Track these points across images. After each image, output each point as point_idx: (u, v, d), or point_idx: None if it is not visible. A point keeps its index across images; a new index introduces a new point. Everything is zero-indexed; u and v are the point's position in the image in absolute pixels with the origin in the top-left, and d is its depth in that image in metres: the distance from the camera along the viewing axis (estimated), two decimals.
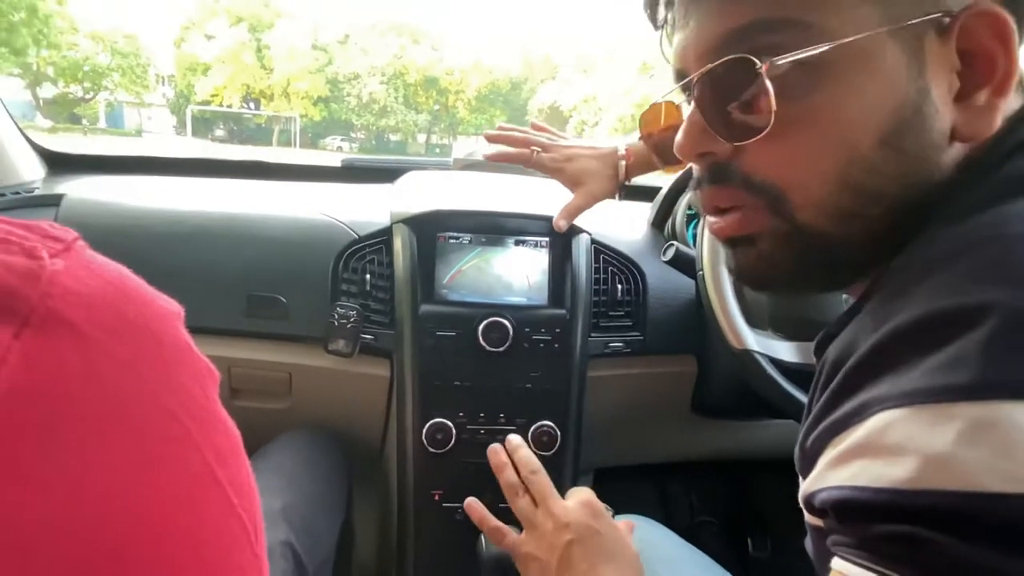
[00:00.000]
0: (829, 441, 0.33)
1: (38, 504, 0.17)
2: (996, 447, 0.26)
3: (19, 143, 1.09)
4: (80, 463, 0.18)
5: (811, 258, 0.42)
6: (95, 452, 0.18)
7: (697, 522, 1.37)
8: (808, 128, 0.38)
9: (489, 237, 1.00)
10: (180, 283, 0.82)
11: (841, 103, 0.38)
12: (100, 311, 0.20)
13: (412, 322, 0.96)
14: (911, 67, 0.37)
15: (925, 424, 0.28)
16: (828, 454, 0.32)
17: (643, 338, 1.04)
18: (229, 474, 0.22)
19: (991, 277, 0.29)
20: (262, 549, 0.24)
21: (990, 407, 0.26)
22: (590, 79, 30.85)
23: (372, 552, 1.09)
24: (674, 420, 1.12)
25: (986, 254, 0.31)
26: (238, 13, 28.92)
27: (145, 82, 26.99)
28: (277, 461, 0.91)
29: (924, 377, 0.29)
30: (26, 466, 0.17)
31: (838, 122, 0.38)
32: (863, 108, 0.37)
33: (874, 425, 0.30)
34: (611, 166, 0.95)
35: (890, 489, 0.28)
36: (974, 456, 0.26)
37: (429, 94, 32.19)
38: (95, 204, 1.03)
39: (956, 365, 0.28)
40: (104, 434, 0.19)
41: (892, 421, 0.29)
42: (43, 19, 16.47)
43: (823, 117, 0.38)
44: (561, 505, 0.63)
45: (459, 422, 0.95)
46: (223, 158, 1.35)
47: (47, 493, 0.17)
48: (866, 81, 0.37)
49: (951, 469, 0.26)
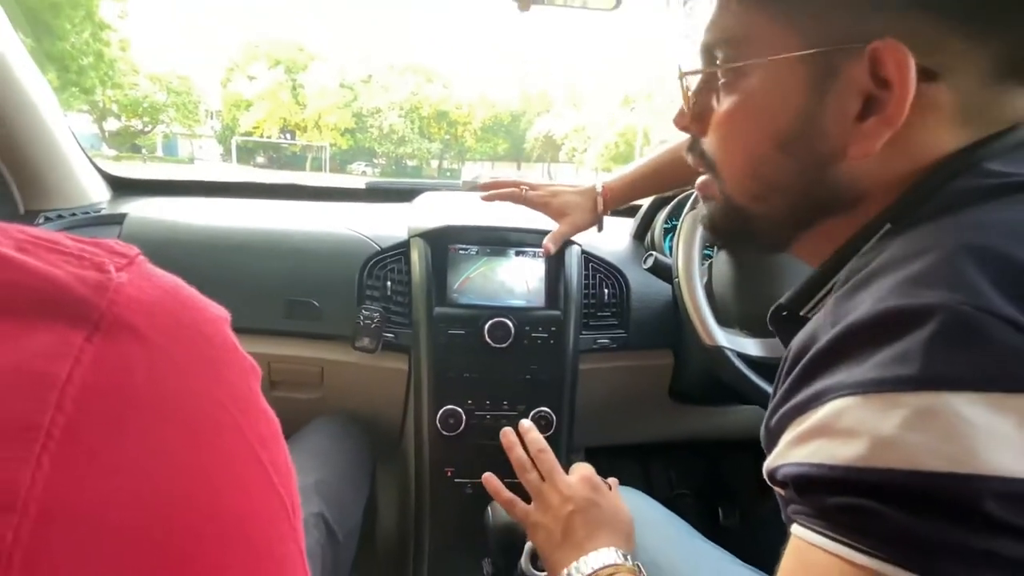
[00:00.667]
0: (791, 422, 0.33)
1: (107, 483, 0.17)
2: (937, 432, 0.26)
3: (88, 169, 1.10)
4: (143, 448, 0.18)
5: (735, 225, 0.45)
6: (156, 438, 0.18)
7: (675, 494, 1.36)
8: (728, 124, 0.42)
9: (493, 248, 1.00)
10: (227, 290, 0.82)
11: (748, 109, 0.40)
12: (159, 317, 0.20)
13: (427, 322, 0.96)
14: (812, 88, 0.37)
15: (875, 410, 0.27)
16: (789, 434, 0.32)
17: (627, 335, 1.04)
18: (270, 456, 0.22)
19: (934, 282, 0.29)
20: (299, 521, 0.24)
21: (932, 397, 0.26)
22: (580, 112, 30.93)
23: (393, 522, 1.08)
24: (654, 406, 1.12)
25: (930, 261, 0.30)
26: (276, 57, 29.04)
27: (196, 116, 27.07)
28: (311, 443, 0.91)
29: (874, 369, 0.28)
30: (98, 451, 0.17)
31: (745, 124, 0.41)
32: (763, 116, 0.40)
33: (830, 410, 0.30)
34: (591, 200, 0.95)
35: (843, 466, 0.28)
36: (917, 440, 0.26)
37: (441, 125, 32.24)
38: (154, 222, 1.04)
39: (903, 359, 0.28)
40: (163, 423, 0.19)
41: (846, 407, 0.29)
42: (108, 63, 16.55)
43: (736, 118, 0.41)
44: (565, 480, 0.63)
45: (468, 409, 0.95)
46: (264, 182, 1.35)
47: (115, 474, 0.17)
48: (768, 94, 0.39)
49: (897, 450, 0.26)
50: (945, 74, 0.35)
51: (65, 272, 0.18)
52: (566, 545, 0.58)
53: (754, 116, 0.40)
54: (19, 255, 0.18)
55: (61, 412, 0.16)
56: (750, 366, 0.82)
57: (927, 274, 0.30)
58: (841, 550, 0.28)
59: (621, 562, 0.54)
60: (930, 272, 0.30)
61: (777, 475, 0.33)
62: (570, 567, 0.55)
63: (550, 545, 0.60)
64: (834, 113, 0.37)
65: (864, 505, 0.27)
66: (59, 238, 0.20)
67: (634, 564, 0.55)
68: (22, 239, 0.19)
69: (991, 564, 0.25)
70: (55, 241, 0.20)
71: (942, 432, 0.26)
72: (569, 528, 0.59)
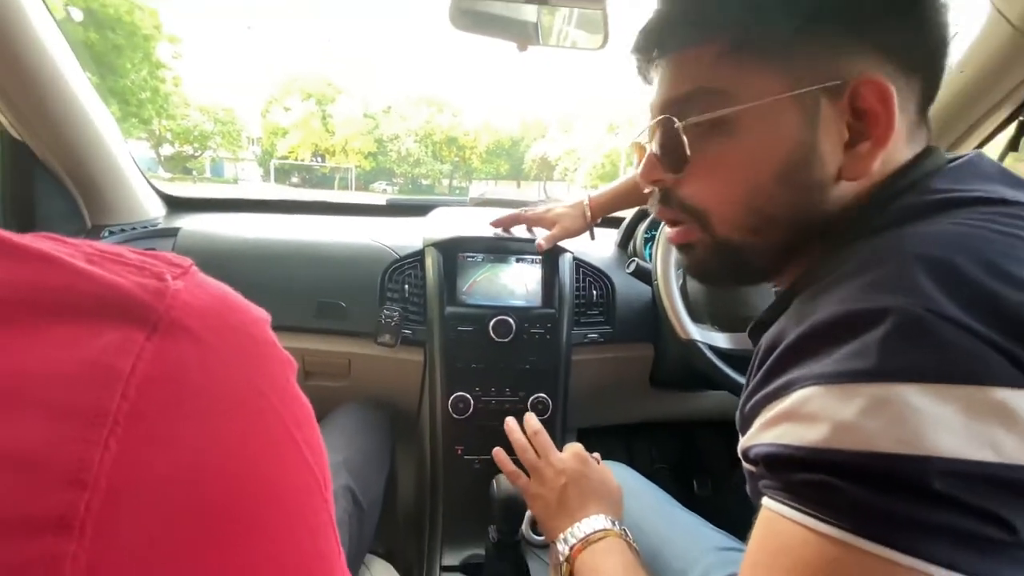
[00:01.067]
0: (762, 408, 0.32)
1: (166, 461, 0.17)
2: (889, 418, 0.26)
3: (146, 189, 1.10)
4: (195, 430, 0.18)
5: (729, 262, 0.43)
6: (206, 422, 0.18)
7: (655, 468, 1.36)
8: (722, 167, 0.40)
9: (497, 256, 1.00)
10: (266, 293, 0.83)
11: (745, 149, 0.38)
12: (209, 319, 0.20)
13: (440, 320, 0.96)
14: (804, 122, 0.37)
15: (836, 399, 0.27)
16: (761, 418, 0.32)
17: (613, 331, 1.04)
18: (304, 437, 0.22)
19: (888, 288, 0.29)
20: (330, 493, 0.24)
21: (886, 388, 0.26)
22: (570, 137, 30.90)
23: (411, 493, 1.08)
24: (637, 392, 1.12)
25: (885, 269, 0.30)
26: (308, 91, 29.08)
27: (239, 143, 27.08)
28: (339, 425, 0.91)
29: (836, 363, 0.28)
30: (158, 434, 0.17)
31: (743, 163, 0.39)
32: (762, 153, 0.38)
33: (797, 398, 0.29)
34: (579, 210, 0.98)
35: (808, 447, 0.28)
36: (872, 425, 0.26)
37: (451, 149, 32.24)
38: (203, 235, 1.04)
39: (860, 355, 0.27)
40: (212, 409, 0.19)
41: (811, 395, 0.29)
42: (163, 97, 16.60)
43: (732, 159, 0.39)
44: (558, 456, 0.63)
45: (476, 395, 0.95)
46: (298, 199, 1.35)
47: (171, 452, 0.17)
48: (765, 134, 0.38)
49: (855, 434, 0.26)
50: (901, 103, 0.36)
51: (129, 281, 0.18)
52: (561, 513, 0.58)
53: (750, 154, 0.38)
54: (89, 267, 0.18)
55: (126, 400, 0.16)
56: (719, 357, 0.82)
57: (882, 280, 0.30)
58: (806, 520, 0.28)
59: (610, 527, 0.54)
60: (885, 278, 0.30)
61: (750, 454, 0.33)
62: (565, 532, 0.55)
63: (547, 513, 0.60)
64: (829, 142, 0.37)
65: (826, 481, 0.27)
66: (122, 251, 0.20)
67: (621, 528, 0.55)
68: (91, 253, 0.19)
69: (939, 533, 0.25)
70: (119, 254, 0.20)
71: (894, 418, 0.26)
72: (563, 498, 0.59)
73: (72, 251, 0.19)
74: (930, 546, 0.24)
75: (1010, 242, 0.29)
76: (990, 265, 0.28)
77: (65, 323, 0.17)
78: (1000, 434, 0.24)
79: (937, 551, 0.24)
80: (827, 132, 0.37)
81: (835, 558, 0.26)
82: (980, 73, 0.77)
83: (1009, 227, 0.30)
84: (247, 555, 0.19)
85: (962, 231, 0.31)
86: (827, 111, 0.37)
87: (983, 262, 0.28)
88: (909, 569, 0.25)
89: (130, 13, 12.37)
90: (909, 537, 0.25)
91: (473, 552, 0.87)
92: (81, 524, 0.15)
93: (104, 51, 12.20)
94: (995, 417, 0.25)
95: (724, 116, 0.38)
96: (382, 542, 0.90)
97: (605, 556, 0.51)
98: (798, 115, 0.37)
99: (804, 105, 0.37)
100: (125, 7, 12.16)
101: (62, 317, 0.17)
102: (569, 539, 0.54)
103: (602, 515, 0.55)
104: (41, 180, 0.94)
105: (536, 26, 0.83)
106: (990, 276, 0.27)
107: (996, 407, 0.25)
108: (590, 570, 0.50)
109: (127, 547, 0.16)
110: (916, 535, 0.25)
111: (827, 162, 0.37)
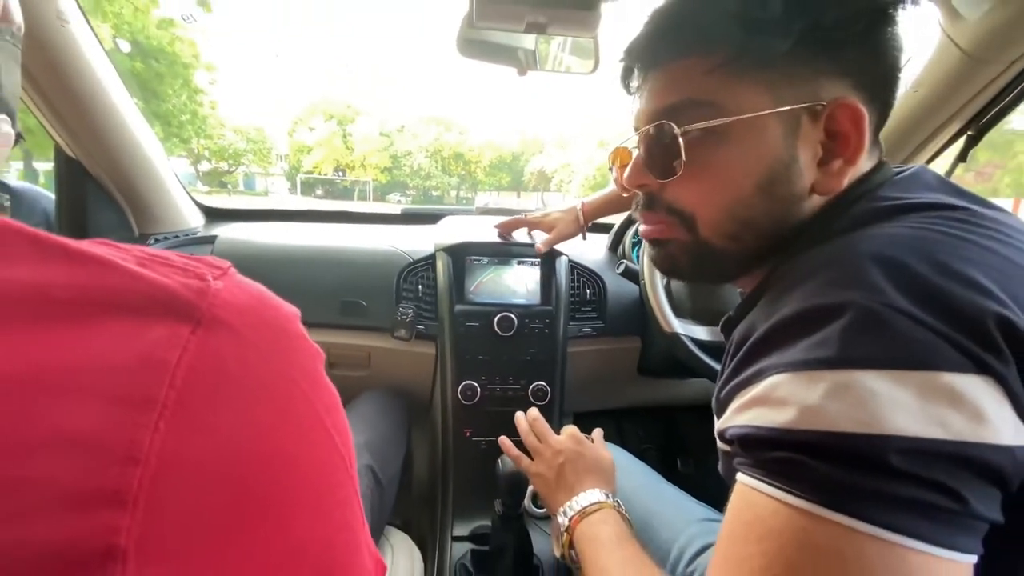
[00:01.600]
0: (736, 395, 0.32)
1: (208, 442, 0.17)
2: (850, 402, 0.26)
3: (187, 201, 1.10)
4: (235, 415, 0.18)
5: (700, 262, 0.42)
6: (245, 408, 0.18)
7: (643, 448, 1.36)
8: (711, 174, 0.38)
9: (501, 259, 1.00)
10: (295, 293, 0.82)
11: (732, 159, 0.38)
12: (247, 315, 0.20)
13: (449, 317, 0.95)
14: (786, 138, 0.37)
15: (802, 385, 0.27)
16: (735, 403, 0.32)
17: (604, 325, 1.03)
18: (332, 421, 0.22)
19: (846, 284, 0.29)
20: (354, 470, 0.24)
21: (846, 374, 0.26)
22: (566, 152, 30.85)
23: (425, 472, 1.08)
24: (626, 380, 1.12)
25: (842, 267, 0.30)
26: (330, 112, 29.10)
27: (269, 159, 27.13)
28: (361, 411, 0.91)
29: (802, 352, 0.28)
30: (201, 418, 0.17)
31: (729, 172, 0.38)
32: (747, 164, 0.37)
33: (767, 384, 0.29)
34: (573, 215, 0.98)
35: (777, 428, 0.28)
36: (835, 407, 0.26)
37: (458, 164, 32.20)
38: (238, 242, 1.04)
39: (823, 345, 0.27)
40: (250, 396, 0.19)
41: (779, 382, 0.29)
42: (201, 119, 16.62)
43: (720, 168, 0.38)
44: (556, 439, 0.63)
45: (482, 383, 0.95)
46: (322, 209, 1.35)
47: (214, 434, 0.17)
48: (751, 146, 0.37)
49: (819, 416, 0.26)
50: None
51: (174, 281, 0.18)
52: (560, 489, 0.58)
53: (736, 163, 0.37)
54: (140, 269, 0.18)
55: (173, 388, 0.16)
56: (700, 348, 0.82)
57: (840, 278, 0.30)
58: (777, 493, 0.28)
59: (604, 500, 0.54)
60: (842, 276, 0.29)
61: (726, 435, 0.33)
62: (564, 506, 0.55)
63: (548, 489, 0.60)
64: (805, 158, 0.37)
65: (795, 458, 0.27)
66: (169, 255, 0.20)
67: (614, 500, 0.55)
68: (141, 256, 0.19)
69: (896, 503, 0.25)
70: (166, 257, 0.20)
71: (854, 401, 0.26)
72: (561, 475, 0.59)
73: (124, 255, 0.19)
74: (888, 515, 0.25)
75: (955, 243, 0.30)
76: (938, 264, 0.28)
77: (119, 319, 0.17)
78: (949, 414, 0.25)
79: (895, 520, 0.24)
80: (804, 149, 0.37)
81: (803, 527, 0.26)
82: (932, 92, 0.77)
83: (954, 229, 0.31)
84: (280, 526, 0.19)
85: (912, 233, 0.31)
86: (806, 129, 0.36)
87: (932, 261, 0.28)
88: (869, 536, 0.25)
89: (171, 44, 12.37)
90: (869, 508, 0.25)
91: (480, 523, 0.87)
92: (134, 499, 0.15)
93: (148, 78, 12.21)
94: (945, 399, 0.25)
95: (716, 126, 0.37)
96: (399, 515, 0.90)
97: (600, 526, 0.51)
98: (780, 131, 0.36)
99: (786, 122, 0.36)
100: (167, 39, 12.16)
101: (116, 314, 0.17)
102: (568, 512, 0.54)
103: (597, 489, 0.55)
104: (93, 194, 0.94)
105: (534, 53, 0.83)
106: (938, 274, 0.27)
107: (946, 390, 0.25)
108: (587, 539, 0.50)
109: (173, 520, 0.16)
110: (876, 506, 0.25)
111: (803, 176, 0.37)
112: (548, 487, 0.60)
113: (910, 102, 0.79)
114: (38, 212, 0.96)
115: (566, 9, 0.55)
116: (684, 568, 0.56)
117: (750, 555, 0.28)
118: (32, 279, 0.16)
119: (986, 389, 0.25)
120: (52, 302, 0.16)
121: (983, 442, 0.24)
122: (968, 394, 0.25)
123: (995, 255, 0.29)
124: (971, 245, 0.29)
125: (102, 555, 0.14)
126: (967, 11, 0.67)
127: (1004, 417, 0.25)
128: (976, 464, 0.24)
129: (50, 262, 0.17)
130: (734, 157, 0.37)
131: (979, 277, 0.27)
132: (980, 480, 0.25)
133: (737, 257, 0.40)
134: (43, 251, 0.17)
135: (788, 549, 0.26)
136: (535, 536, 0.75)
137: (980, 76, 0.72)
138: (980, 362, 0.25)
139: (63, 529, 0.14)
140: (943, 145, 0.86)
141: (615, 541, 0.48)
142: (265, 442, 0.19)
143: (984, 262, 0.28)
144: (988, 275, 0.27)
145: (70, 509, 0.14)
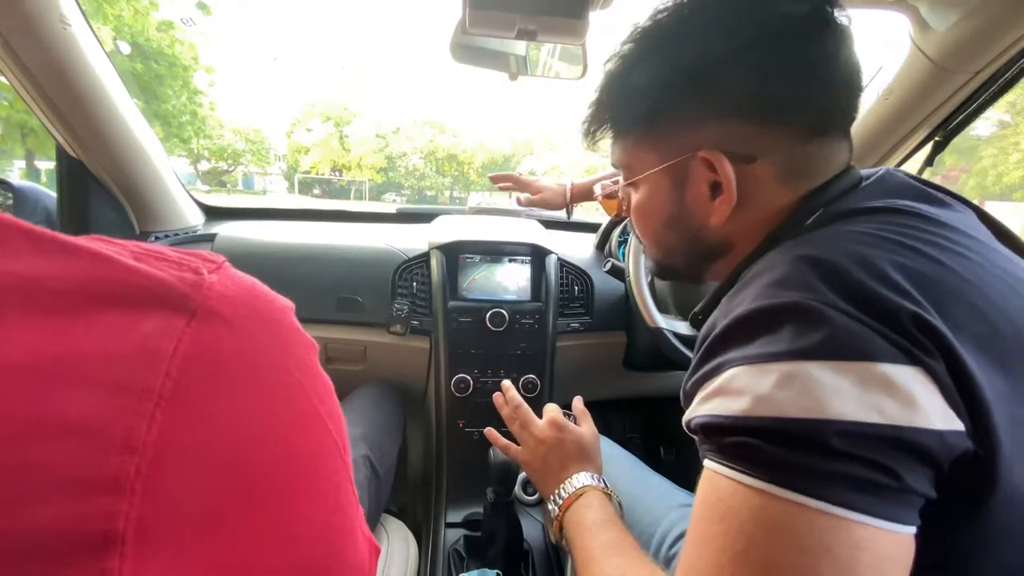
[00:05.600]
0: (699, 387, 0.34)
1: (204, 430, 0.17)
2: (797, 390, 0.27)
3: (187, 200, 1.08)
4: (230, 403, 0.18)
5: (664, 270, 0.50)
6: (240, 397, 0.18)
7: (628, 437, 1.37)
8: (637, 215, 0.47)
9: (492, 256, 1.00)
10: (293, 290, 0.82)
11: (643, 206, 0.46)
12: (240, 307, 0.20)
13: (443, 313, 0.95)
14: (674, 186, 0.42)
15: (755, 376, 0.29)
16: (699, 394, 0.33)
17: (591, 320, 1.04)
18: (326, 408, 0.22)
19: (789, 285, 0.31)
20: (348, 457, 0.24)
21: (793, 365, 0.28)
22: (555, 154, 30.88)
23: (419, 462, 1.08)
24: (612, 372, 1.13)
25: (782, 271, 0.32)
26: (327, 114, 28.80)
27: (268, 159, 26.74)
28: (358, 404, 0.91)
29: (755, 347, 0.30)
30: (197, 406, 0.17)
31: (645, 215, 0.46)
32: (653, 209, 0.45)
33: (726, 377, 0.31)
34: (562, 190, 1.03)
35: (734, 416, 0.29)
36: (783, 395, 0.27)
37: (451, 165, 32.04)
38: (237, 239, 1.03)
39: (773, 340, 0.29)
40: (245, 384, 0.19)
41: (736, 374, 0.30)
42: (201, 120, 16.37)
43: (640, 212, 0.46)
44: (537, 426, 0.62)
45: (475, 376, 0.95)
46: (319, 208, 1.34)
47: (209, 422, 0.17)
48: (651, 195, 0.44)
49: (770, 403, 0.28)
50: (759, 155, 0.38)
51: (170, 275, 0.18)
52: (547, 476, 0.58)
53: (647, 209, 0.45)
54: (136, 263, 0.18)
55: (169, 378, 0.16)
56: (682, 342, 0.83)
57: (781, 280, 0.32)
58: (735, 475, 0.29)
59: (589, 483, 0.54)
60: (783, 278, 0.32)
61: (691, 424, 0.34)
62: (553, 494, 0.55)
63: (536, 477, 0.60)
64: (693, 199, 0.41)
65: (749, 443, 0.28)
66: (164, 250, 0.20)
67: (600, 480, 0.55)
68: (137, 251, 0.19)
69: (839, 481, 0.26)
70: (161, 252, 0.20)
71: (800, 389, 0.27)
72: (546, 463, 0.59)
73: (120, 249, 0.19)
74: (833, 491, 0.26)
75: (891, 247, 0.31)
76: (869, 266, 0.30)
77: (116, 311, 0.17)
78: (885, 400, 0.26)
79: (839, 495, 0.26)
80: (693, 191, 0.41)
81: (759, 505, 0.27)
82: (902, 99, 0.78)
83: (891, 234, 0.32)
84: (276, 511, 0.19)
85: (850, 237, 0.33)
86: (694, 174, 0.40)
87: (864, 264, 0.30)
88: (818, 511, 0.26)
89: (171, 46, 12.13)
90: (816, 485, 0.26)
91: (473, 510, 0.88)
92: (132, 486, 0.15)
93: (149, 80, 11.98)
94: (881, 387, 0.26)
95: (632, 183, 0.46)
96: (395, 503, 0.90)
97: (585, 510, 0.51)
98: (669, 182, 0.42)
99: (673, 173, 0.42)
100: (167, 41, 11.92)
101: (113, 306, 0.17)
102: (556, 499, 0.54)
103: (582, 472, 0.55)
104: (95, 193, 0.92)
105: (525, 59, 0.83)
106: (865, 275, 0.29)
107: (882, 379, 0.26)
108: (573, 524, 0.51)
109: (171, 506, 0.16)
110: (821, 483, 0.26)
111: (696, 213, 0.42)
112: (536, 475, 0.60)
113: (881, 109, 0.81)
114: (40, 210, 0.95)
115: (556, 17, 0.56)
116: (667, 551, 0.57)
117: (715, 534, 0.29)
118: (29, 271, 0.16)
119: (918, 379, 0.27)
120: (49, 293, 0.16)
121: (914, 426, 0.26)
122: (902, 383, 0.26)
123: (924, 258, 0.31)
124: (903, 249, 0.31)
125: (101, 540, 0.14)
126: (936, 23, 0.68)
127: (934, 404, 0.26)
128: (908, 445, 0.26)
129: (46, 255, 0.17)
130: (644, 204, 0.45)
131: (899, 279, 0.29)
132: (913, 459, 0.26)
133: (682, 268, 0.47)
134: (39, 245, 0.17)
135: (748, 526, 0.28)
136: (525, 522, 0.76)
137: (947, 85, 0.73)
138: (911, 354, 0.27)
139: (63, 515, 0.14)
140: (912, 150, 0.87)
141: (599, 524, 0.49)
142: (260, 429, 0.19)
143: (910, 265, 0.30)
144: (910, 277, 0.29)
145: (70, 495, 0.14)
